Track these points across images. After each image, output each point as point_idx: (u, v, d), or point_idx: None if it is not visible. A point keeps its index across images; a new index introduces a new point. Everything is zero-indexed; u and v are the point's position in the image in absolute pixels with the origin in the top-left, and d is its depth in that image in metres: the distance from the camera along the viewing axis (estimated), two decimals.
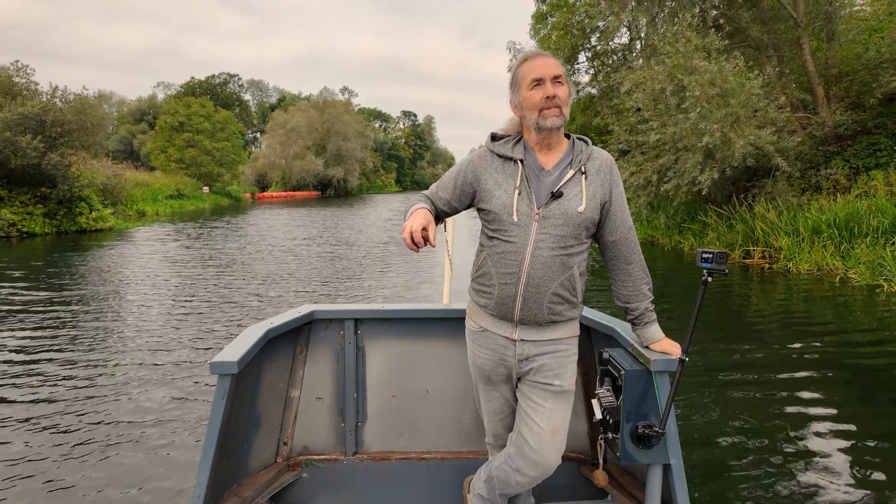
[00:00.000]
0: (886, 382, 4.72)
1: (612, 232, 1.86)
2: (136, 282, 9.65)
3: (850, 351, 5.51)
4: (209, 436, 1.85)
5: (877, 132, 12.13)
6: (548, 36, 20.42)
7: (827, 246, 9.63)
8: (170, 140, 41.33)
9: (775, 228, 10.53)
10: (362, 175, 74.14)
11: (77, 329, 6.51)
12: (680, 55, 10.49)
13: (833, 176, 11.77)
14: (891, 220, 9.15)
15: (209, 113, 43.60)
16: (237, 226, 21.68)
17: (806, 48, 12.53)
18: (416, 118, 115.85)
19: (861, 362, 5.19)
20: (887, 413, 4.14)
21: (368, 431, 2.53)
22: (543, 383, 1.86)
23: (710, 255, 1.72)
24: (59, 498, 3.04)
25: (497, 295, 1.83)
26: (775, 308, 7.33)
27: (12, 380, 4.91)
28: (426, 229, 1.76)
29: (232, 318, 7.05)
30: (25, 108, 16.04)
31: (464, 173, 1.91)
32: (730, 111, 10.04)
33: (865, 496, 3.00)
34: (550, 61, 1.78)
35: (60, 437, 3.77)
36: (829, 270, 9.24)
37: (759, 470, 3.26)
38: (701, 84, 9.98)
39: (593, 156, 1.85)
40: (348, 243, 15.65)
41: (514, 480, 1.92)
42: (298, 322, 2.37)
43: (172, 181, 36.23)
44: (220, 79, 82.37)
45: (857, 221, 9.54)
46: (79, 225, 18.16)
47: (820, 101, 12.69)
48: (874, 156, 11.85)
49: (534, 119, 1.77)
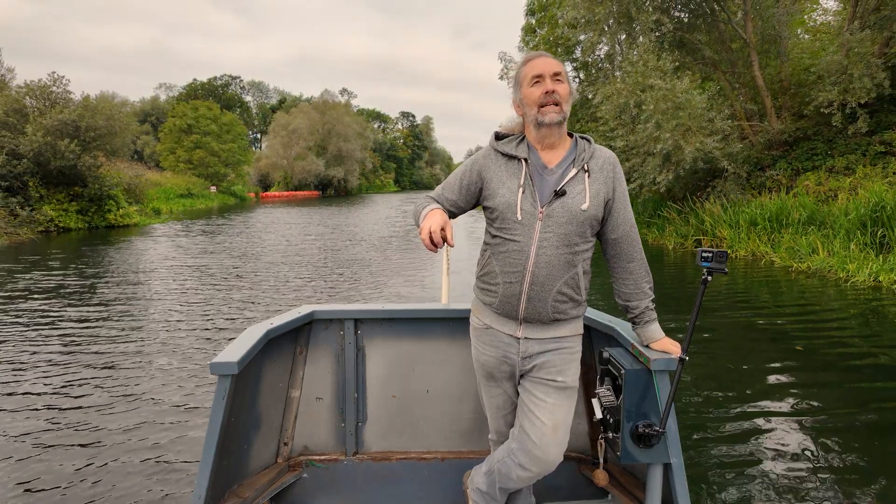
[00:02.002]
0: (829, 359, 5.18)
1: (615, 229, 1.87)
2: (152, 277, 9.95)
3: (779, 322, 6.54)
4: (209, 436, 1.85)
5: (815, 138, 13.96)
6: (536, 48, 22.25)
7: (760, 235, 11.47)
8: (178, 142, 43.15)
9: (720, 221, 12.38)
10: (362, 175, 75.94)
11: (83, 325, 6.59)
12: (638, 74, 12.33)
13: (776, 177, 13.61)
14: (809, 213, 10.99)
15: (216, 115, 45.42)
16: (245, 224, 22.80)
17: (755, 65, 14.36)
18: (414, 119, 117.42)
19: (788, 331, 6.25)
20: (860, 399, 4.31)
21: (369, 431, 2.53)
22: (546, 379, 1.87)
23: (710, 254, 1.72)
24: (58, 498, 3.01)
25: (502, 293, 1.84)
26: (721, 288, 9.01)
27: (14, 374, 5.00)
28: (444, 229, 1.77)
29: (239, 315, 7.11)
30: (63, 115, 17.82)
31: (469, 173, 1.93)
32: (680, 122, 11.88)
33: (865, 492, 2.98)
34: (550, 60, 1.82)
35: (59, 437, 3.73)
36: (761, 255, 11.06)
37: (759, 469, 3.24)
38: (655, 99, 11.82)
39: (596, 154, 1.87)
40: (350, 241, 16.21)
41: (516, 475, 1.93)
42: (298, 322, 2.38)
43: (182, 181, 38.08)
44: (221, 80, 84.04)
45: (785, 215, 11.38)
46: (108, 221, 19.94)
47: (768, 112, 14.53)
48: (811, 159, 13.69)
49: (533, 115, 1.80)
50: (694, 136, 12.12)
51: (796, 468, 3.26)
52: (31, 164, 17.25)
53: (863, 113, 12.14)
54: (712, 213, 12.64)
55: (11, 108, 18.13)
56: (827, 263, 9.43)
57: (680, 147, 11.92)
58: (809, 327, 6.34)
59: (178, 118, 44.07)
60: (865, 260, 9.03)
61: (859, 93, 11.74)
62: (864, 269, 8.69)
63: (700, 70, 15.17)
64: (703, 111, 12.00)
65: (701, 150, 11.99)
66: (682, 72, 12.96)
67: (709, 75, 14.99)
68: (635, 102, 12.55)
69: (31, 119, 17.72)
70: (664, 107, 11.84)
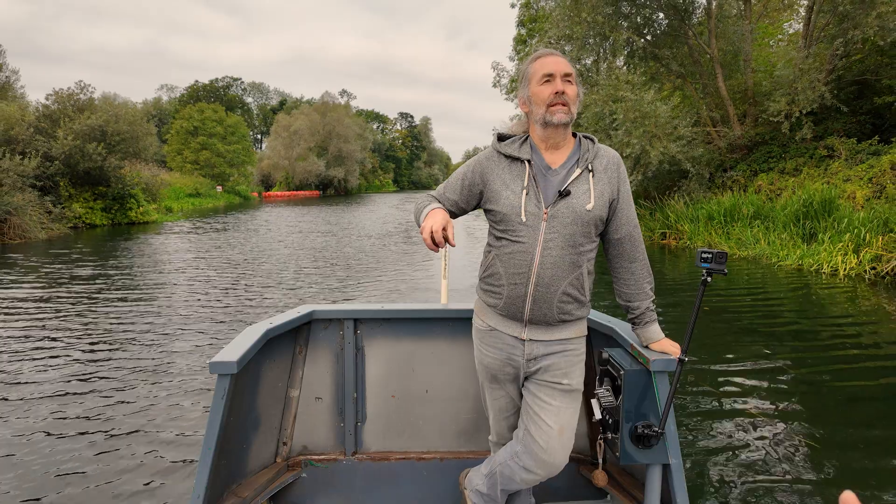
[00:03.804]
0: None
1: (618, 229, 1.87)
2: (159, 274, 10.13)
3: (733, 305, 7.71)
4: (209, 436, 1.86)
5: (771, 143, 15.63)
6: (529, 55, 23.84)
7: (716, 228, 13.12)
8: (185, 143, 44.79)
9: (683, 217, 14.04)
10: (361, 175, 77.67)
11: (86, 323, 6.63)
12: (611, 87, 14.00)
13: (736, 177, 15.28)
14: (755, 209, 12.66)
15: (221, 118, 47.09)
16: (251, 222, 23.75)
17: (719, 77, 16.02)
18: (412, 119, 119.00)
19: (735, 310, 8.47)
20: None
21: (368, 431, 2.54)
22: (552, 382, 1.87)
23: (709, 255, 1.72)
24: (57, 496, 3.01)
25: (507, 295, 1.83)
26: (681, 275, 10.74)
27: (19, 367, 5.04)
28: (445, 229, 1.77)
29: (239, 314, 7.10)
30: (91, 121, 19.43)
31: (471, 174, 1.91)
32: (646, 129, 13.54)
33: (866, 492, 2.99)
34: (562, 60, 1.81)
35: (57, 436, 3.72)
36: (715, 245, 12.71)
37: (758, 469, 3.26)
38: (625, 109, 13.49)
39: (600, 154, 1.86)
40: (350, 240, 16.61)
41: (521, 478, 1.93)
42: (298, 322, 2.38)
43: (190, 181, 39.73)
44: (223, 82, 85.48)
45: (737, 210, 13.04)
46: (129, 218, 21.56)
47: (731, 119, 16.19)
48: (767, 161, 15.36)
49: (541, 114, 1.78)
50: (659, 141, 13.78)
51: (796, 468, 3.25)
52: (61, 165, 18.85)
53: (808, 121, 13.80)
54: (676, 210, 14.31)
55: (43, 115, 19.74)
56: (764, 251, 11.10)
57: (646, 151, 13.58)
58: (750, 305, 7.47)
59: (185, 120, 45.74)
60: (794, 248, 10.70)
61: (803, 104, 13.40)
62: (792, 255, 10.36)
63: (671, 81, 16.87)
64: (667, 119, 13.66)
65: (665, 153, 13.65)
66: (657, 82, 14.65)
67: (679, 86, 16.67)
68: (609, 111, 14.21)
69: (62, 124, 19.32)
70: (632, 116, 13.50)
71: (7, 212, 15.24)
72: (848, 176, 12.32)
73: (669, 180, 15.89)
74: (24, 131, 18.57)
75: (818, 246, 10.37)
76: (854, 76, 14.69)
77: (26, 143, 18.45)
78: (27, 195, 16.68)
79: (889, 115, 13.94)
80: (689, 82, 16.78)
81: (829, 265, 9.58)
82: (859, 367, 5.01)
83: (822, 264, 9.70)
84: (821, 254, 9.94)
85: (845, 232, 10.00)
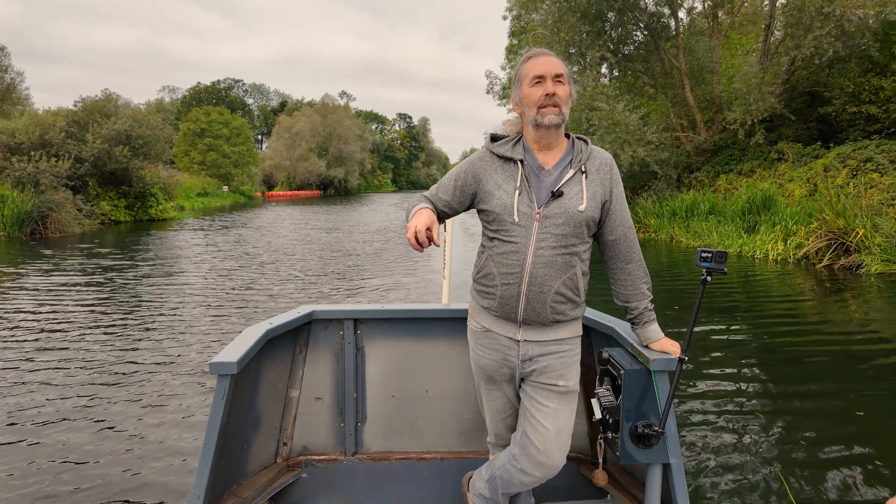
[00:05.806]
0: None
1: (612, 231, 1.88)
2: (166, 273, 10.28)
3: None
4: (209, 436, 1.86)
5: (732, 147, 17.49)
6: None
7: (678, 223, 14.97)
8: (192, 144, 46.60)
9: (650, 213, 15.90)
10: (361, 175, 79.40)
11: (88, 321, 6.68)
12: (588, 97, 15.85)
13: (700, 178, 17.13)
14: (710, 205, 14.54)
15: (227, 120, 48.91)
16: (256, 220, 24.89)
17: (687, 89, 17.88)
18: (411, 120, 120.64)
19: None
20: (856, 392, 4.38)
21: (368, 431, 2.54)
22: (548, 384, 1.87)
23: (709, 254, 1.72)
24: (56, 497, 2.99)
25: (500, 295, 1.84)
26: (649, 264, 12.36)
27: (23, 364, 5.10)
28: (430, 229, 1.77)
29: (241, 314, 7.14)
30: (118, 126, 21.24)
31: (464, 175, 1.92)
32: (617, 135, 15.40)
33: (867, 492, 3.00)
34: (553, 60, 1.81)
35: (56, 437, 3.71)
36: (677, 238, 14.55)
37: (758, 469, 3.27)
38: (599, 117, 15.34)
39: (593, 155, 1.87)
40: (350, 239, 17.11)
41: (519, 480, 1.94)
42: (298, 322, 2.38)
43: (198, 181, 41.54)
44: (225, 83, 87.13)
45: (695, 207, 14.90)
46: (150, 215, 23.37)
47: (698, 125, 18.05)
48: (728, 164, 17.22)
49: (532, 116, 1.79)
50: (630, 146, 15.63)
51: (796, 468, 3.25)
52: (90, 167, 20.61)
53: (760, 128, 15.66)
54: (644, 207, 16.18)
55: (73, 120, 21.54)
56: (714, 241, 12.95)
57: (617, 155, 15.43)
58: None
59: (193, 122, 47.55)
60: (737, 238, 12.56)
61: (755, 113, 15.25)
62: (735, 244, 12.21)
63: (645, 92, 18.76)
64: (637, 127, 15.51)
65: (635, 157, 15.50)
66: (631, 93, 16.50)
67: (652, 95, 18.56)
68: (586, 118, 16.06)
69: (91, 129, 21.11)
70: (605, 123, 15.37)
71: (49, 208, 17.03)
72: (792, 177, 14.17)
73: (642, 180, 17.76)
74: (56, 136, 20.34)
75: (755, 236, 12.23)
76: (806, 87, 16.58)
77: (59, 147, 20.21)
78: (63, 194, 18.45)
79: (834, 123, 15.79)
80: (661, 92, 18.66)
81: (761, 251, 11.43)
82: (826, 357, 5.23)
83: (756, 250, 11.56)
84: (756, 242, 11.80)
85: (777, 224, 11.85)
